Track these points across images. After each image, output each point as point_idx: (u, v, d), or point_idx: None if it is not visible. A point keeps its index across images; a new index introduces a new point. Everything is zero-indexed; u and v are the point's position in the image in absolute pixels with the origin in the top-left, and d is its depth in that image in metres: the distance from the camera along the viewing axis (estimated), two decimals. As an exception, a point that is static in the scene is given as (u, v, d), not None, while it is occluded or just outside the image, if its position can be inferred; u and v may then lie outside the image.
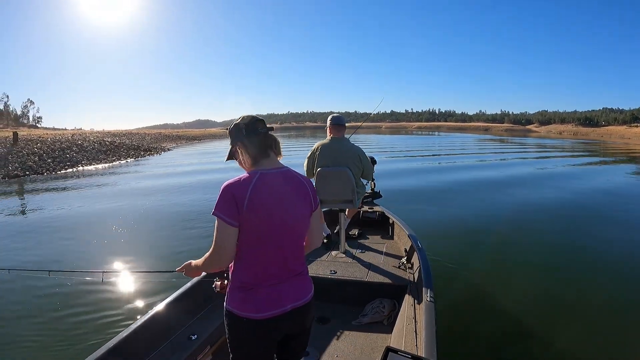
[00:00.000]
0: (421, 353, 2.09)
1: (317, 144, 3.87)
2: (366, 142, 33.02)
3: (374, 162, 4.16)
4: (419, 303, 2.76)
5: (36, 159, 18.49)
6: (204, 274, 2.07)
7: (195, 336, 2.54)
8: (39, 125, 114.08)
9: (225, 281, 1.70)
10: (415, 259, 3.51)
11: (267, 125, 1.66)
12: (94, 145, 24.38)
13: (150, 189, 11.67)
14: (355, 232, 4.54)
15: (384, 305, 3.14)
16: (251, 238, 1.53)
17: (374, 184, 4.48)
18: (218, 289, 1.74)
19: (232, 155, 1.72)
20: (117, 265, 5.27)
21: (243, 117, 1.67)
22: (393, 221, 4.57)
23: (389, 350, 1.62)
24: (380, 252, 4.06)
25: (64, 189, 12.40)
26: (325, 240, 4.21)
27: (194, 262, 1.75)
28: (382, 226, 4.77)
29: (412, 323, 2.58)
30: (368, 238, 4.52)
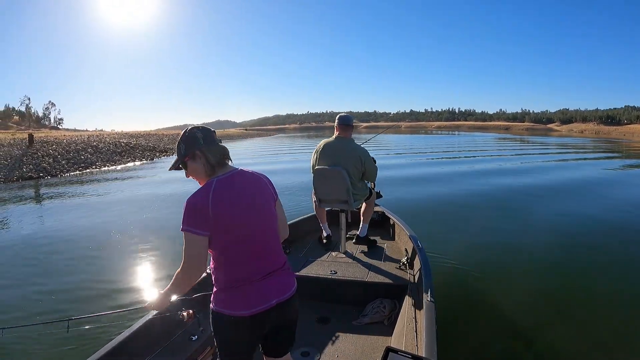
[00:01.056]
0: (421, 353, 2.07)
1: (322, 141, 3.89)
2: (376, 142, 32.21)
3: (374, 162, 4.03)
4: (419, 303, 2.75)
5: (50, 160, 18.32)
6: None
7: (196, 337, 2.52)
8: (60, 127, 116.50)
9: (191, 310, 1.85)
10: (415, 259, 3.49)
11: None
12: (109, 146, 24.16)
13: (152, 197, 11.05)
14: (355, 232, 4.43)
15: (385, 305, 3.14)
16: (224, 241, 1.58)
17: (374, 183, 4.35)
18: (186, 319, 1.87)
19: (179, 166, 1.70)
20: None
21: (193, 127, 1.69)
22: (393, 221, 4.53)
23: (389, 350, 1.60)
24: (381, 252, 4.04)
25: (66, 195, 11.98)
26: (325, 241, 4.23)
27: (163, 290, 1.73)
28: (382, 226, 4.74)
29: (412, 323, 2.58)
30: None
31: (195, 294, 2.32)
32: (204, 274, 1.75)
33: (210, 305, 1.66)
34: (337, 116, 3.89)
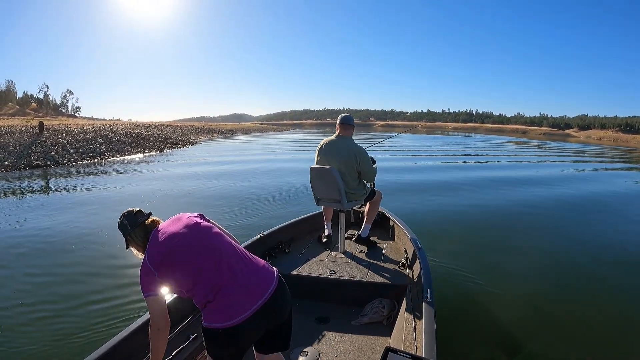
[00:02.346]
0: (421, 353, 2.06)
1: (323, 140, 3.92)
2: (391, 142, 31.69)
3: (373, 162, 4.00)
4: (418, 303, 2.72)
5: (59, 149, 18.15)
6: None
7: (195, 335, 2.50)
8: (77, 115, 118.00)
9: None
10: (415, 259, 3.46)
11: None
12: (120, 137, 23.91)
13: (150, 193, 10.64)
14: (354, 232, 4.42)
15: (384, 305, 3.13)
16: (183, 272, 1.72)
17: (374, 183, 4.26)
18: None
19: (128, 244, 1.89)
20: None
21: (122, 215, 1.89)
22: (393, 221, 4.51)
23: (388, 350, 1.59)
24: (380, 253, 4.02)
25: (67, 188, 11.66)
26: (324, 240, 4.20)
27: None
28: (382, 226, 4.70)
29: (411, 323, 2.57)
30: None
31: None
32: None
33: (202, 324, 1.72)
34: (340, 115, 3.95)
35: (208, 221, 1.92)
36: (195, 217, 1.88)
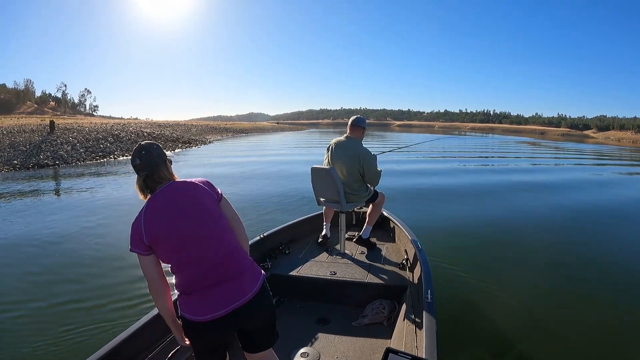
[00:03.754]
0: (421, 354, 2.03)
1: (333, 140, 3.95)
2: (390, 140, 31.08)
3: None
4: (419, 304, 2.73)
5: (69, 148, 17.99)
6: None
7: None
8: (95, 114, 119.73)
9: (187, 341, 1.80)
10: (415, 260, 3.45)
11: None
12: (131, 136, 23.72)
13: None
14: (355, 233, 4.42)
15: (384, 306, 3.13)
16: (168, 255, 1.66)
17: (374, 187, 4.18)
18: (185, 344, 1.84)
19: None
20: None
21: (153, 145, 1.80)
22: (393, 222, 4.49)
23: (389, 351, 1.55)
24: (381, 253, 4.01)
25: (73, 189, 11.34)
26: (320, 240, 4.17)
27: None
28: (382, 227, 4.65)
29: (412, 324, 2.56)
30: None
31: None
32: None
33: None
34: (351, 117, 3.97)
35: (216, 197, 1.77)
36: (204, 189, 1.74)
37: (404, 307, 2.95)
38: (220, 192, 1.81)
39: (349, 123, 3.91)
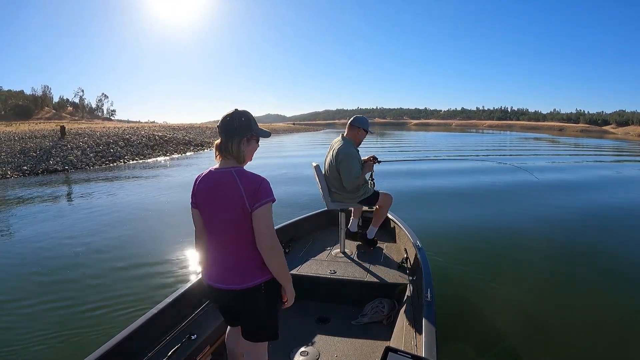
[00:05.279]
0: (421, 353, 2.05)
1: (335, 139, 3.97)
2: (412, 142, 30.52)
3: (375, 160, 3.99)
4: (418, 303, 2.72)
5: (79, 153, 17.88)
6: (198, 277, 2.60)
7: (195, 336, 2.46)
8: (112, 118, 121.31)
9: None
10: (415, 259, 3.44)
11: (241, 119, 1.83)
12: (142, 139, 23.58)
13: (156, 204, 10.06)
14: (354, 231, 4.39)
15: (384, 305, 3.11)
16: (200, 221, 1.91)
17: (373, 183, 4.12)
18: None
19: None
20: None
21: (250, 118, 1.92)
22: (393, 221, 4.52)
23: (388, 350, 1.59)
24: (381, 252, 4.02)
25: (78, 194, 11.09)
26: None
27: None
28: (383, 226, 4.59)
29: (411, 323, 2.56)
30: None
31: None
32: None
33: None
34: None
35: (248, 206, 1.75)
36: (237, 196, 1.75)
37: (403, 306, 2.94)
38: (260, 204, 1.74)
39: (348, 122, 3.92)
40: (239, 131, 1.80)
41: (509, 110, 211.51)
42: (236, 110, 1.83)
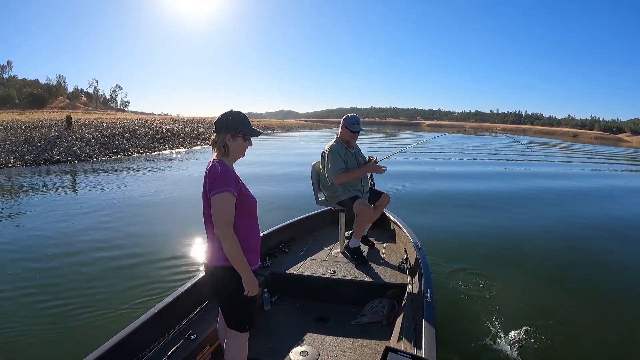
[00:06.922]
0: (420, 353, 2.07)
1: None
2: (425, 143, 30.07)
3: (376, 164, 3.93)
4: (418, 303, 2.72)
5: (83, 144, 17.78)
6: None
7: (195, 336, 2.46)
8: (126, 109, 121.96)
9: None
10: (414, 259, 3.42)
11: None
12: (148, 132, 23.42)
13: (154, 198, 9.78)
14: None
15: (384, 305, 3.10)
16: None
17: (373, 183, 4.13)
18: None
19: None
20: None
21: (243, 116, 2.13)
22: (393, 221, 4.48)
23: (388, 350, 1.60)
24: (380, 253, 4.00)
25: (77, 187, 10.92)
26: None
27: None
28: (382, 227, 4.64)
29: (411, 323, 2.56)
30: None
31: None
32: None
33: None
34: None
35: (208, 191, 1.97)
36: (208, 184, 1.96)
37: (403, 306, 2.93)
38: (215, 192, 1.92)
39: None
40: (224, 128, 2.00)
41: (523, 114, 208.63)
42: (230, 110, 2.04)
